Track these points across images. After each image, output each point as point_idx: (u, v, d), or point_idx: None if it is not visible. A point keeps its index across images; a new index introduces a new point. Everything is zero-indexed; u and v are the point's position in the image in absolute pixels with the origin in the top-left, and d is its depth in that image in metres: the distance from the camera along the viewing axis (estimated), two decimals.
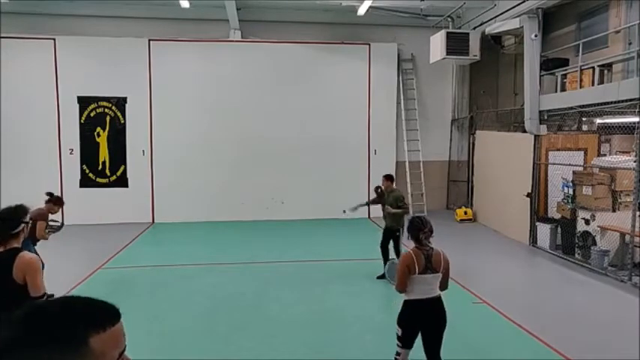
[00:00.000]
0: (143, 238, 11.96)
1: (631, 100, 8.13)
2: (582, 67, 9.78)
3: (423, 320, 4.37)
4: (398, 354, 4.49)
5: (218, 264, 9.75)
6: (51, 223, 7.37)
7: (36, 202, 13.76)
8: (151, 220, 13.67)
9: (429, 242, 4.39)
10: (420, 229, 4.36)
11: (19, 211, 3.68)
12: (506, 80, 14.38)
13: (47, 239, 7.19)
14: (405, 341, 4.43)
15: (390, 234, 8.40)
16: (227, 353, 5.79)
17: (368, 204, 9.72)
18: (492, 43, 13.94)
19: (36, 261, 3.50)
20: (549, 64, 10.97)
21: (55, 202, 7.24)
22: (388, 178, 8.73)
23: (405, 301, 4.41)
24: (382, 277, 8.39)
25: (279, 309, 7.17)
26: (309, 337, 6.19)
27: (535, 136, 10.78)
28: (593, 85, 9.52)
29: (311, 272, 8.69)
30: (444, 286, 4.44)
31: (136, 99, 13.59)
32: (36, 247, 7.19)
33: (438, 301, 4.35)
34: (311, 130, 14.12)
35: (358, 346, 5.97)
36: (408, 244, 4.85)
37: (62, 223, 7.61)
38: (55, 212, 7.30)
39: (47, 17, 13.23)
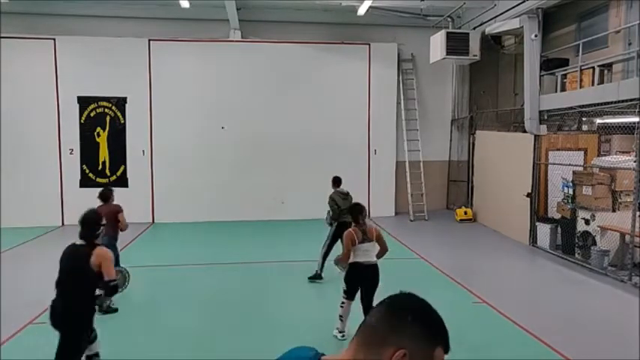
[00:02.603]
0: (143, 238, 11.96)
1: (631, 100, 8.13)
2: (582, 67, 9.77)
3: (362, 279, 5.83)
4: (343, 303, 6.00)
5: (218, 264, 9.75)
6: None
7: (35, 201, 13.78)
8: (151, 220, 13.67)
9: (365, 222, 5.97)
10: (360, 213, 5.98)
11: (99, 216, 4.80)
12: (506, 80, 14.38)
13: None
14: (349, 294, 5.96)
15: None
16: (227, 353, 5.79)
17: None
18: (492, 43, 13.93)
19: (110, 254, 4.52)
20: (549, 64, 10.96)
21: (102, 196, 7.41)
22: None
23: (350, 264, 5.88)
24: (317, 277, 8.40)
25: (279, 309, 7.17)
26: (309, 338, 6.18)
27: (535, 136, 10.78)
28: (593, 85, 9.51)
29: (311, 272, 8.67)
30: (384, 249, 5.94)
31: (136, 99, 13.59)
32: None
33: (374, 266, 5.84)
34: (311, 129, 14.12)
35: None
36: None
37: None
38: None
39: (47, 17, 13.23)
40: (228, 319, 6.84)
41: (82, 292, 4.40)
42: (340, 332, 6.02)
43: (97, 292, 4.50)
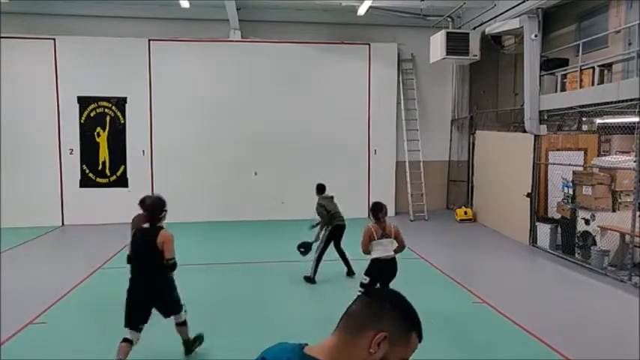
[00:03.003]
0: None
1: (631, 100, 8.12)
2: (582, 67, 9.77)
3: (382, 272, 6.23)
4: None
5: (218, 264, 9.75)
6: None
7: (35, 201, 13.76)
8: None
9: (384, 219, 6.33)
10: (380, 210, 6.32)
11: (162, 202, 5.53)
12: (506, 80, 14.38)
13: None
14: (368, 287, 6.14)
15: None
16: (227, 353, 5.79)
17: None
18: (492, 43, 13.93)
19: (171, 236, 5.28)
20: (549, 64, 10.96)
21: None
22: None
23: (371, 260, 6.29)
24: (310, 280, 8.35)
25: (279, 309, 7.17)
26: (309, 338, 6.18)
27: (535, 136, 10.78)
28: (593, 85, 9.51)
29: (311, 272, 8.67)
30: (402, 246, 6.36)
31: (136, 99, 13.58)
32: None
33: (393, 260, 6.27)
34: (311, 130, 14.11)
35: None
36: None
37: None
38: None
39: (47, 17, 13.23)
40: (228, 318, 6.84)
41: (152, 267, 5.21)
42: None
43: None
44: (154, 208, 5.48)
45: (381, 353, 1.38)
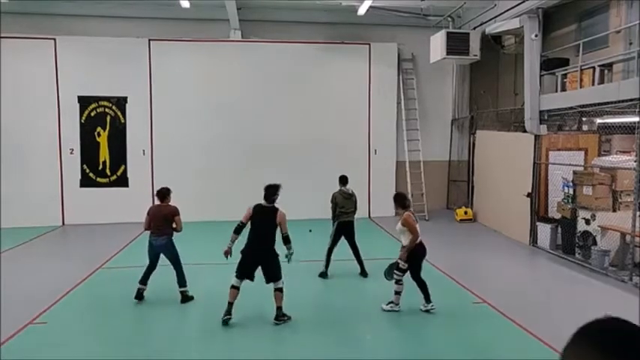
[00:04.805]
0: (143, 238, 11.92)
1: (631, 100, 8.12)
2: (582, 67, 9.76)
3: (422, 256, 6.79)
4: (400, 281, 6.65)
5: (218, 264, 9.72)
6: None
7: (35, 201, 13.73)
8: None
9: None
10: (407, 199, 7.34)
11: (277, 187, 7.00)
12: (506, 80, 14.36)
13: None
14: (404, 272, 6.68)
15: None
16: (229, 353, 5.79)
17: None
18: (492, 43, 13.92)
19: (285, 215, 6.73)
20: (549, 64, 10.95)
21: (158, 194, 7.75)
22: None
23: (416, 245, 6.64)
24: (323, 275, 8.52)
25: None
26: (310, 337, 6.18)
27: (535, 136, 10.77)
28: (593, 85, 9.51)
29: (311, 272, 8.68)
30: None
31: (136, 99, 13.59)
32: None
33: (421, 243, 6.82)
34: (311, 129, 14.12)
35: (358, 346, 5.97)
36: None
37: None
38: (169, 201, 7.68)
39: (47, 17, 13.24)
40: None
41: (270, 236, 6.58)
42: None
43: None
44: (272, 189, 6.90)
45: None
